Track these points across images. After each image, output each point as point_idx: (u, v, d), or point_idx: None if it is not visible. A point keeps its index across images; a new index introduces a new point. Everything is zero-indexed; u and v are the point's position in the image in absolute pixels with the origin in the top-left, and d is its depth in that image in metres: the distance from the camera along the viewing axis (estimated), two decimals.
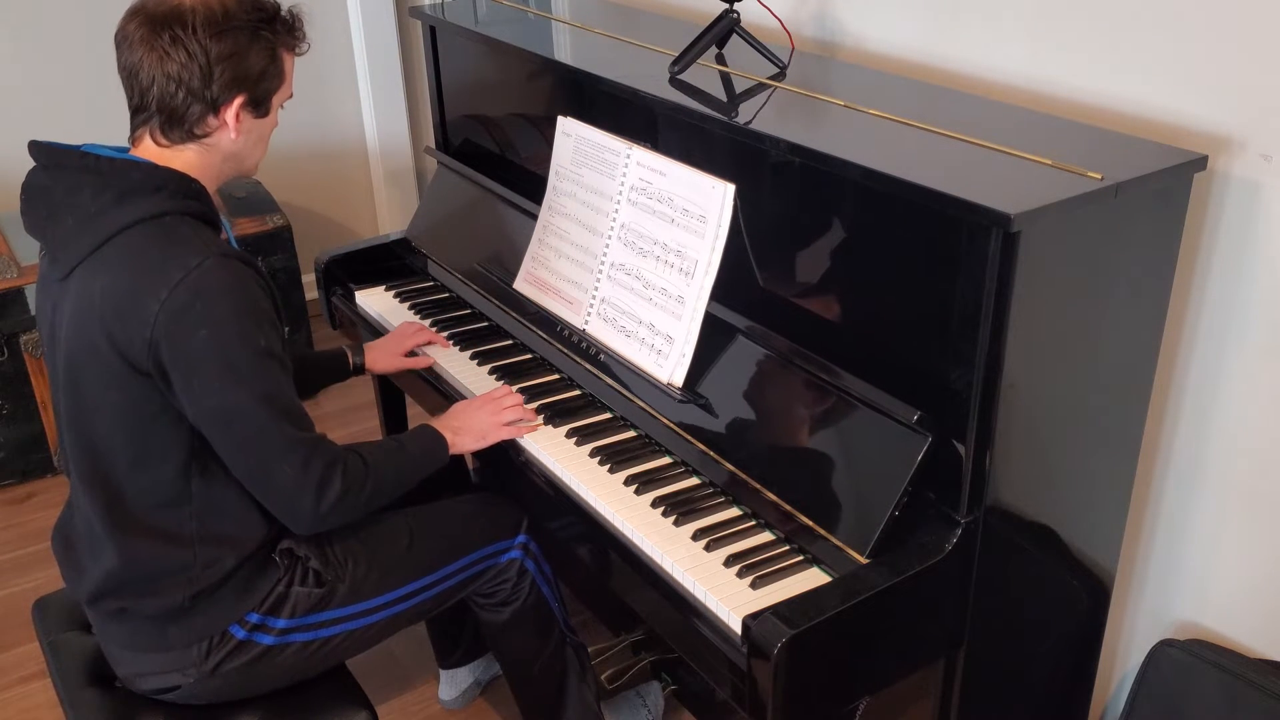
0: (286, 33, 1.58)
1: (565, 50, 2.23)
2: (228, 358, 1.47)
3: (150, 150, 1.56)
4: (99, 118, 2.54)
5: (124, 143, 1.61)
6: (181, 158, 1.56)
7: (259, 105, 1.57)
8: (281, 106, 1.64)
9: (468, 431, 1.82)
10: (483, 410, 1.85)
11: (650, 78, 1.91)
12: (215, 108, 1.52)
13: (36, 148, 1.56)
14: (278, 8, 1.58)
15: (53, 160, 1.55)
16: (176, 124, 1.53)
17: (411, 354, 2.12)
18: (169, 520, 1.57)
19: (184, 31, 1.48)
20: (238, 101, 1.53)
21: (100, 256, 1.48)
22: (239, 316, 1.47)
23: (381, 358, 2.09)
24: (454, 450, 1.79)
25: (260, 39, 1.53)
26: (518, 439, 1.86)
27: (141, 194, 1.50)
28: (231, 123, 1.54)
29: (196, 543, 1.58)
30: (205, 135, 1.55)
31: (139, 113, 1.55)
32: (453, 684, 2.30)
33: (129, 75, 1.52)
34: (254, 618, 1.63)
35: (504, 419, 1.85)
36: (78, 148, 1.55)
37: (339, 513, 1.59)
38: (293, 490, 1.55)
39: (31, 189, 1.56)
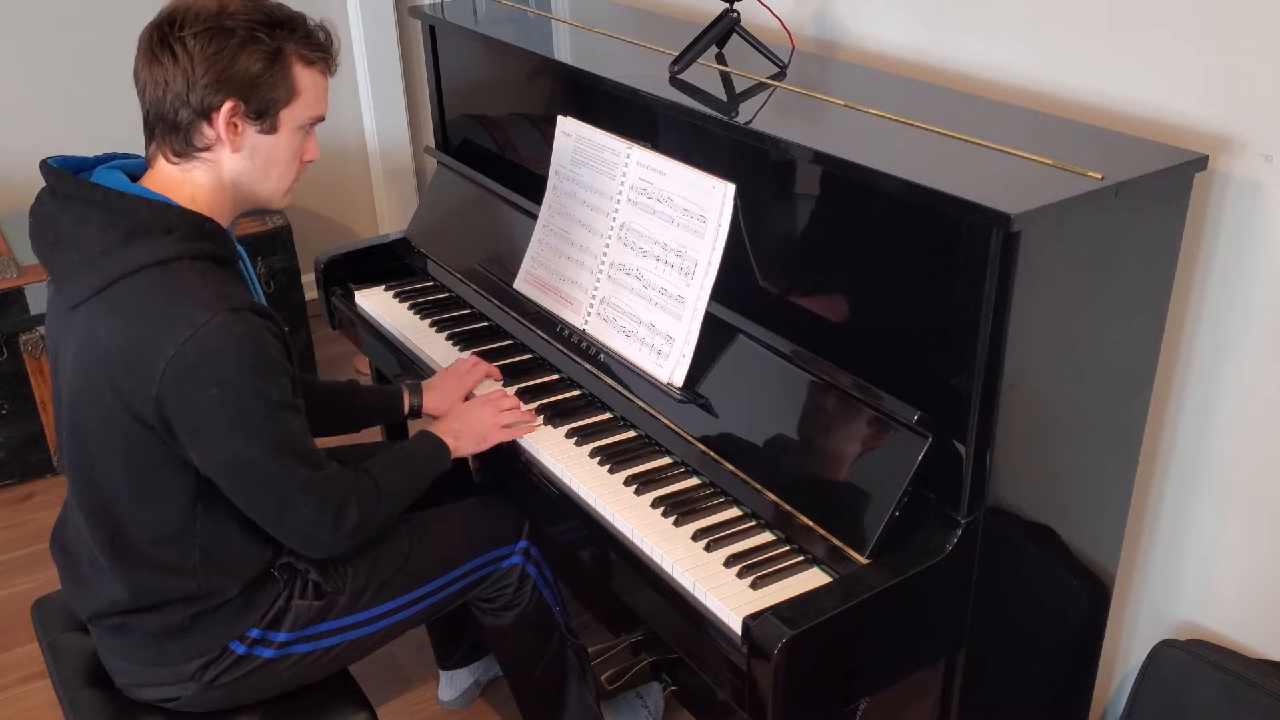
0: (299, 42, 1.47)
1: (565, 50, 2.23)
2: (238, 414, 1.43)
3: (164, 173, 1.49)
4: (106, 121, 2.53)
5: (138, 150, 1.56)
6: (191, 181, 1.49)
7: (260, 117, 1.46)
8: (307, 130, 1.53)
9: (468, 435, 1.81)
10: (482, 412, 1.84)
11: (650, 78, 1.90)
12: (206, 114, 1.44)
13: (47, 170, 1.49)
14: (292, 18, 1.48)
15: (61, 188, 1.47)
16: (174, 134, 1.46)
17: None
18: (172, 554, 1.55)
19: (171, 30, 1.41)
20: (227, 107, 1.43)
21: (105, 299, 1.42)
22: (249, 373, 1.42)
23: (442, 402, 1.95)
24: (456, 454, 1.79)
25: (256, 41, 1.43)
26: (518, 441, 1.85)
27: (150, 235, 1.43)
28: (223, 132, 1.45)
29: (200, 573, 1.56)
30: (206, 149, 1.47)
31: (148, 127, 1.49)
32: (453, 685, 2.30)
33: (138, 90, 1.47)
34: (254, 633, 1.62)
35: (503, 421, 1.84)
36: (91, 171, 1.49)
37: (356, 537, 1.60)
38: (311, 529, 1.55)
39: (39, 216, 1.50)
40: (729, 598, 1.49)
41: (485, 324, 2.22)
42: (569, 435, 1.85)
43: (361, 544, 1.67)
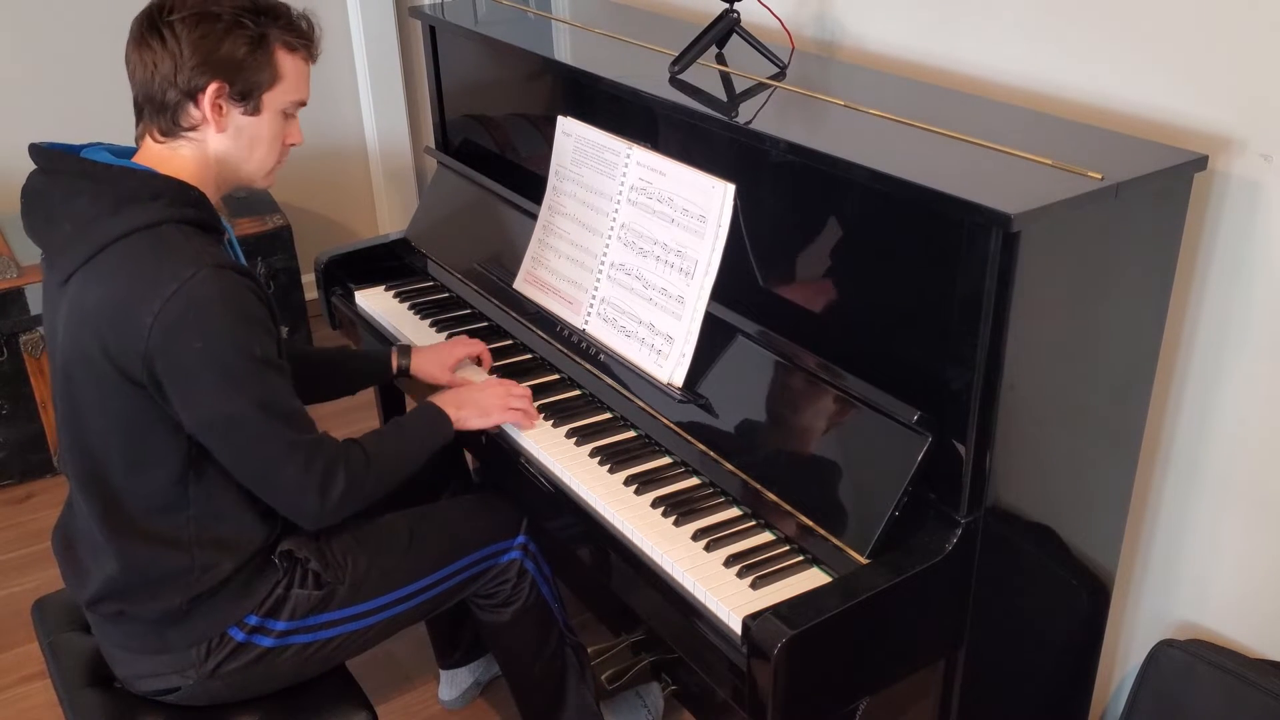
0: (282, 29, 1.54)
1: (565, 50, 2.23)
2: (223, 368, 1.46)
3: (152, 151, 1.55)
4: (105, 117, 2.53)
5: (131, 142, 1.60)
6: (178, 158, 1.54)
7: (244, 99, 1.52)
8: (289, 114, 1.60)
9: (470, 406, 1.80)
10: (490, 389, 1.85)
11: (650, 78, 1.91)
12: (192, 95, 1.50)
13: (36, 151, 1.55)
14: (275, 6, 1.55)
15: (51, 165, 1.54)
16: (162, 114, 1.52)
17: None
18: (167, 525, 1.56)
19: (161, 16, 1.49)
20: (212, 88, 1.49)
21: (95, 265, 1.47)
22: (233, 326, 1.46)
23: (427, 366, 2.00)
24: (458, 426, 1.78)
25: (241, 26, 1.49)
26: (518, 440, 1.86)
27: (138, 202, 1.48)
28: (209, 112, 1.51)
29: (195, 547, 1.58)
30: (192, 129, 1.53)
31: (137, 108, 1.55)
32: (453, 684, 2.30)
33: (128, 73, 1.52)
34: (253, 620, 1.63)
35: (511, 403, 1.84)
36: (78, 150, 1.54)
37: (345, 506, 1.60)
38: (297, 492, 1.55)
39: (30, 194, 1.55)
40: (729, 598, 1.49)
41: (485, 324, 2.22)
42: (569, 435, 1.85)
43: (349, 529, 1.68)
